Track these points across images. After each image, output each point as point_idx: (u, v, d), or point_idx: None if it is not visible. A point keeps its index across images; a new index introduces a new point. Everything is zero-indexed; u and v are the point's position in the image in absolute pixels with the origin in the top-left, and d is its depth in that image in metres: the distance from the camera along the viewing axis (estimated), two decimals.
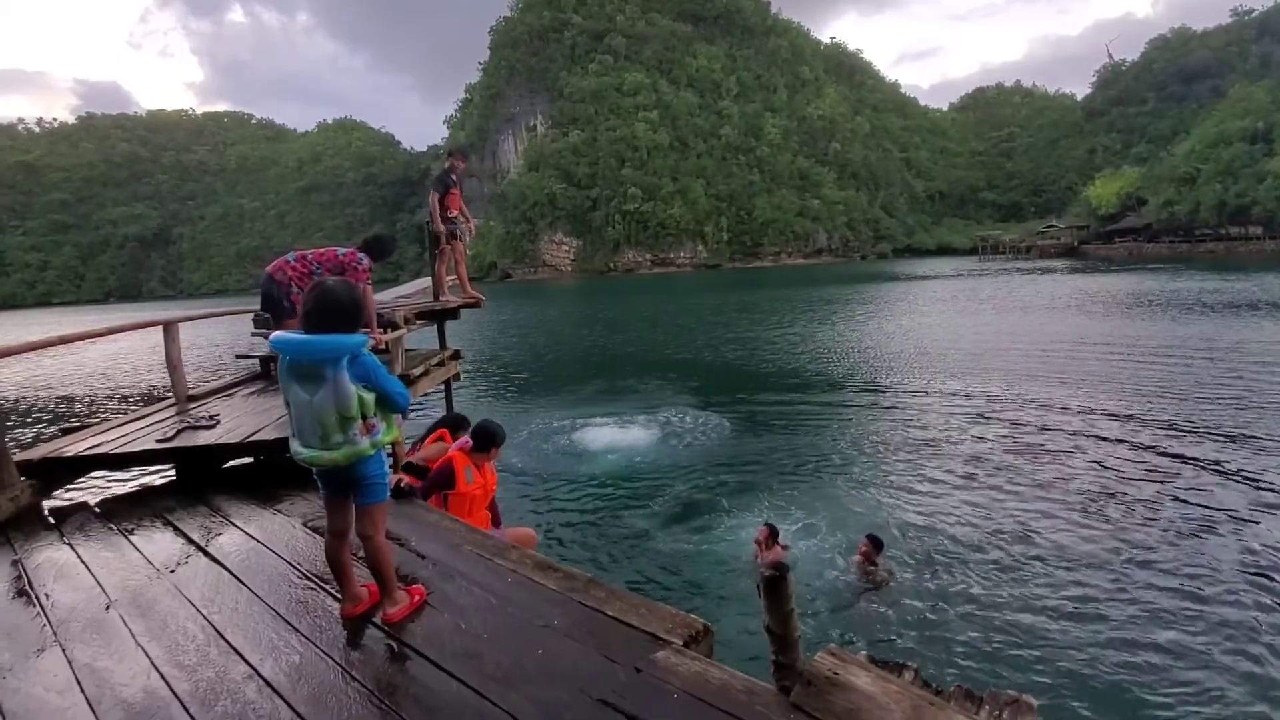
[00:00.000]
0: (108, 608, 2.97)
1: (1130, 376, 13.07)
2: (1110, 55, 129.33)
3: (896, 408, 11.86)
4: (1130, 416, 10.39)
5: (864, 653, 2.19)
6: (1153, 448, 8.87)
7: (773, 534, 5.80)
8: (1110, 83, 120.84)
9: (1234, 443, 8.85)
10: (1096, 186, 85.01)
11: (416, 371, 6.60)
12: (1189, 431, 9.45)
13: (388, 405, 2.62)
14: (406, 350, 6.98)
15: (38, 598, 3.09)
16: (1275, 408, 10.27)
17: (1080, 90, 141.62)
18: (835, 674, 1.99)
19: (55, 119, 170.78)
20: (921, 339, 19.92)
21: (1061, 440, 9.40)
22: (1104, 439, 9.36)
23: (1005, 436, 9.72)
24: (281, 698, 2.24)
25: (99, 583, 3.21)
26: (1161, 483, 7.65)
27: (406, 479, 4.19)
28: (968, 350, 17.26)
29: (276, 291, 5.38)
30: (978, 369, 14.73)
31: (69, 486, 4.81)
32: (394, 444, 4.02)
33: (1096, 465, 8.33)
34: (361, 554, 2.75)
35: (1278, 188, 58.63)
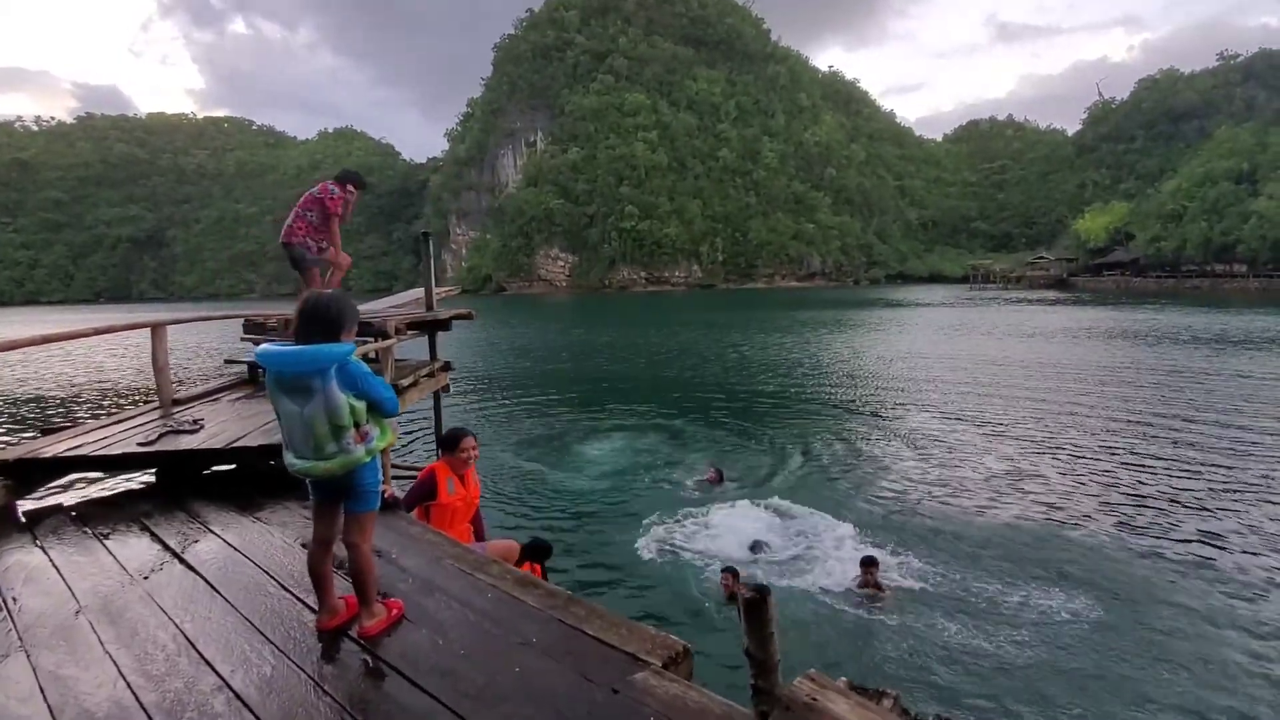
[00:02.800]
0: (77, 613, 2.90)
1: (1122, 406, 13.17)
2: (1101, 93, 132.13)
3: (889, 430, 11.88)
4: (1129, 447, 10.46)
5: (844, 679, 2.17)
6: (1140, 474, 8.92)
7: (734, 579, 5.70)
8: (1100, 120, 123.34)
9: (1222, 471, 8.91)
10: (1086, 220, 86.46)
11: (405, 382, 6.56)
12: (1177, 459, 9.52)
13: (377, 411, 2.61)
14: (396, 360, 6.95)
15: (5, 601, 3.02)
16: (1259, 440, 10.38)
17: (1068, 126, 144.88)
18: (814, 700, 1.97)
19: (53, 118, 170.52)
20: (916, 363, 20.02)
21: (1054, 466, 9.45)
22: (1095, 465, 9.42)
23: (998, 461, 9.75)
24: (250, 711, 2.19)
25: (69, 588, 3.14)
26: (1156, 513, 7.68)
27: (390, 490, 4.15)
28: (962, 376, 17.36)
29: (297, 254, 6.11)
30: (971, 394, 14.81)
31: (45, 488, 4.73)
32: (382, 453, 3.99)
33: (1086, 492, 8.36)
34: (342, 567, 2.71)
35: (1262, 227, 59.75)
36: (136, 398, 16.09)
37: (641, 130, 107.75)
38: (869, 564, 5.80)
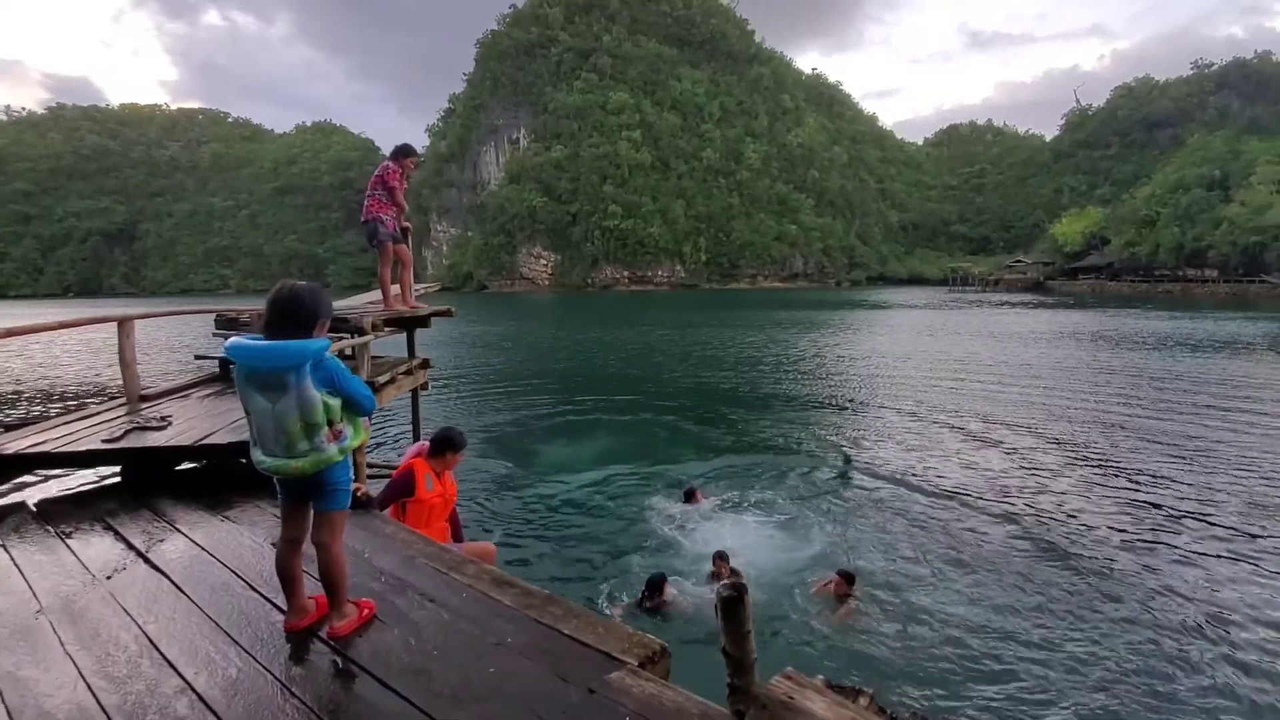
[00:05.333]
0: (38, 614, 2.82)
1: (1094, 407, 13.41)
2: (1078, 100, 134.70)
3: (868, 432, 11.98)
4: (1091, 446, 10.64)
5: (821, 677, 2.17)
6: (1109, 476, 9.09)
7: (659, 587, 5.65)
8: (1077, 126, 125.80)
9: (1187, 473, 9.10)
10: (1062, 224, 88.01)
11: (383, 379, 6.48)
12: (1144, 458, 9.71)
13: (353, 409, 2.55)
14: (374, 357, 6.86)
15: None
16: (1222, 440, 10.62)
17: (1042, 131, 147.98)
18: (790, 698, 1.96)
19: (24, 108, 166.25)
20: (896, 366, 20.22)
21: (1028, 474, 9.58)
22: (1070, 472, 9.56)
23: (973, 466, 9.87)
24: (214, 713, 2.13)
25: (30, 587, 3.06)
26: (1120, 511, 7.82)
27: (363, 489, 4.08)
28: (940, 378, 17.56)
29: (371, 229, 6.98)
30: (948, 397, 14.98)
31: (7, 485, 4.59)
32: (356, 451, 3.93)
33: (1063, 500, 8.47)
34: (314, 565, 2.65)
35: (1232, 233, 61.23)
36: (103, 394, 15.72)
37: (625, 129, 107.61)
38: (844, 577, 5.76)
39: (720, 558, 5.95)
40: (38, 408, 14.77)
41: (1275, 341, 24.43)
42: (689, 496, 8.13)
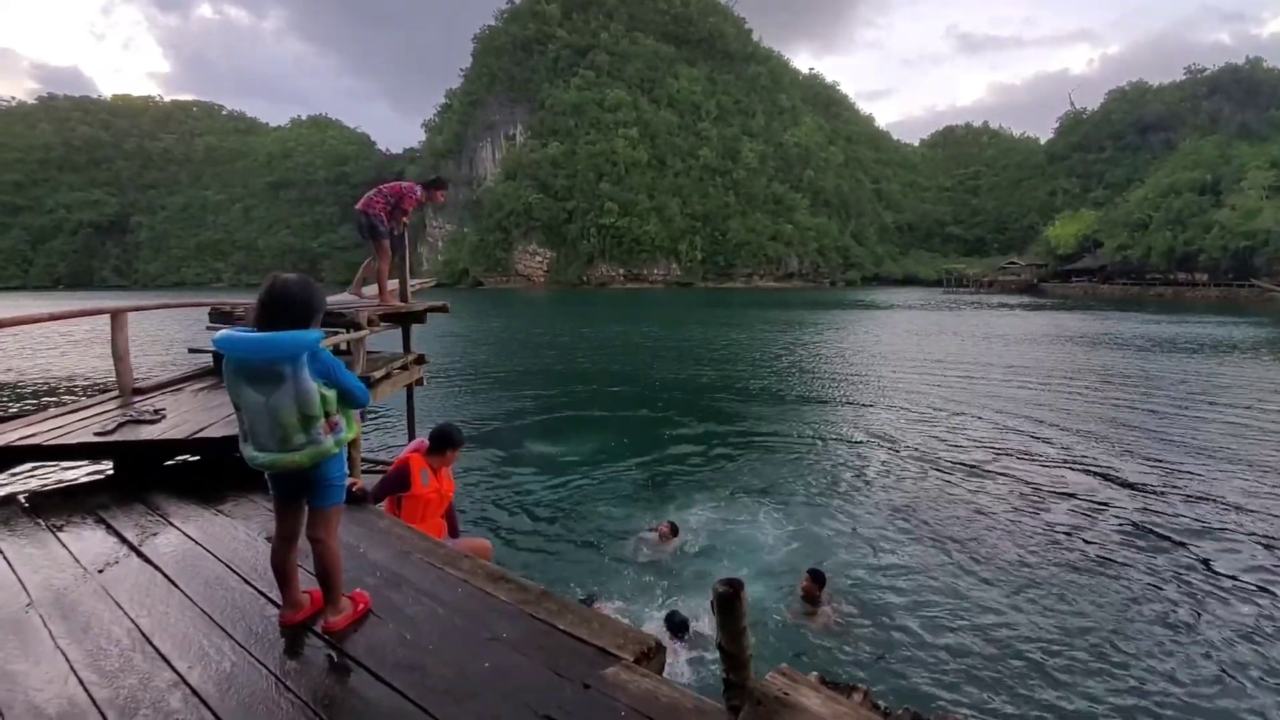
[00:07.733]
0: (28, 607, 2.81)
1: (1079, 408, 13.48)
2: (1072, 103, 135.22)
3: (860, 430, 12.00)
4: (1082, 443, 10.70)
5: (815, 674, 2.18)
6: (1093, 475, 9.14)
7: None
8: (1071, 129, 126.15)
9: (1167, 471, 9.17)
10: (1056, 227, 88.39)
11: (378, 374, 6.45)
12: (1126, 460, 9.77)
13: (348, 401, 2.54)
14: (369, 352, 6.83)
15: None
16: (1204, 439, 10.72)
17: (1032, 133, 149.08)
18: (785, 694, 1.97)
19: (14, 98, 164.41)
20: (881, 367, 20.28)
21: (1004, 469, 9.62)
22: (1047, 467, 9.61)
23: (960, 461, 9.91)
24: (208, 707, 2.13)
25: (20, 581, 3.04)
26: (1103, 508, 7.87)
27: (358, 484, 4.07)
28: (928, 379, 17.62)
29: (366, 221, 6.86)
30: (934, 398, 15.03)
31: None
32: (350, 445, 3.91)
33: (1040, 493, 8.53)
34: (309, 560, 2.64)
35: (1223, 237, 61.67)
36: (95, 387, 15.60)
37: (622, 127, 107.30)
38: (816, 575, 5.68)
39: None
40: (28, 401, 14.65)
41: (1264, 344, 24.64)
42: (664, 530, 6.99)
